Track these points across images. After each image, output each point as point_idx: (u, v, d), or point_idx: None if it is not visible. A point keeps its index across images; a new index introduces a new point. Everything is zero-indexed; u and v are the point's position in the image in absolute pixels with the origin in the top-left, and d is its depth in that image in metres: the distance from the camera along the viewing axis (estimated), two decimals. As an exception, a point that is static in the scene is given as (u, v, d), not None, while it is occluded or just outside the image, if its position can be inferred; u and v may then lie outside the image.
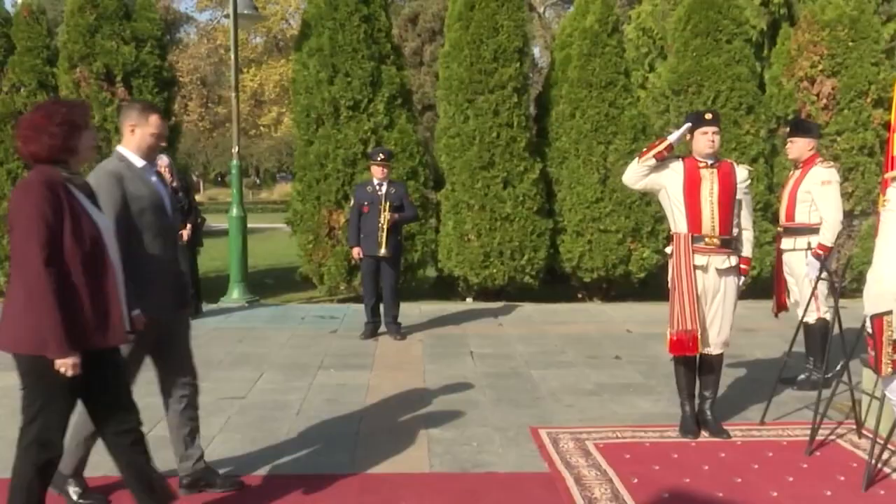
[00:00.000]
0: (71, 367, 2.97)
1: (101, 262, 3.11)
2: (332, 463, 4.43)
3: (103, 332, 3.11)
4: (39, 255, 2.91)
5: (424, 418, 5.27)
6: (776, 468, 4.38)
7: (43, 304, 2.91)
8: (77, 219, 3.03)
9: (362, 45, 10.05)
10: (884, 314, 2.43)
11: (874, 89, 10.28)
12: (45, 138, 3.04)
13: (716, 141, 4.75)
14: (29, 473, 3.13)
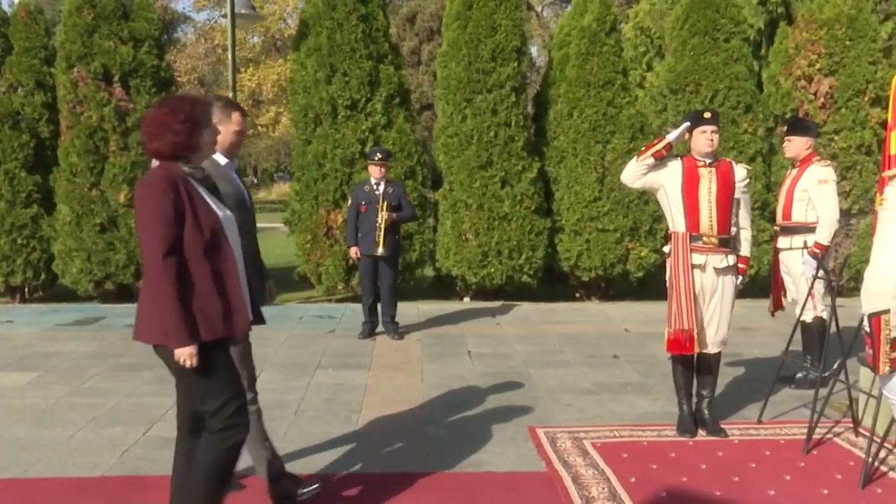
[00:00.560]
0: (188, 357, 3.01)
1: (222, 253, 3.15)
2: (330, 462, 4.42)
3: (227, 320, 3.15)
4: (159, 247, 2.97)
5: (422, 418, 5.27)
6: (773, 467, 4.38)
7: (163, 294, 2.97)
8: (197, 211, 3.08)
9: (360, 44, 10.05)
10: (881, 313, 2.43)
11: (872, 88, 10.29)
12: (169, 136, 3.09)
13: (714, 140, 4.75)
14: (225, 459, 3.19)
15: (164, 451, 4.62)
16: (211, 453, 3.18)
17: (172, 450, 4.57)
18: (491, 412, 5.41)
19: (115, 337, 7.91)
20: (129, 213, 9.96)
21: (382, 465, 4.40)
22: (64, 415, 5.34)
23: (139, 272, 10.04)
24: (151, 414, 5.36)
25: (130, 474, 4.28)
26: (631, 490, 4.02)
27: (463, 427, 5.09)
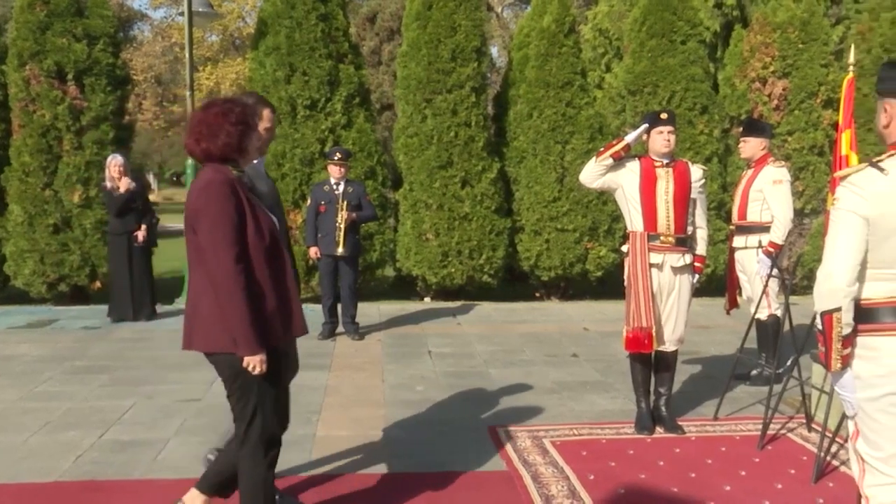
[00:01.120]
0: (259, 363, 2.99)
1: (280, 257, 3.14)
2: (291, 464, 4.39)
3: (287, 325, 3.15)
4: (228, 253, 2.93)
5: (383, 418, 5.26)
6: (729, 463, 4.45)
7: (233, 301, 2.92)
8: (256, 215, 3.06)
9: (320, 43, 10.00)
10: (833, 311, 2.47)
11: (824, 90, 10.50)
12: (222, 137, 3.05)
13: (671, 140, 4.81)
14: (261, 474, 3.17)
15: (120, 455, 4.55)
16: (250, 465, 3.17)
17: (129, 453, 4.54)
18: (452, 412, 5.42)
19: (69, 339, 7.77)
20: (84, 213, 9.79)
21: (344, 467, 4.38)
22: (17, 419, 5.23)
23: (94, 273, 9.88)
24: (107, 417, 5.28)
25: (86, 479, 4.21)
26: (590, 488, 4.06)
27: (424, 427, 5.08)
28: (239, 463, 3.21)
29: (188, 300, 3.13)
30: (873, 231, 2.45)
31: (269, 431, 3.17)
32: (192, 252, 3.07)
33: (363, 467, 4.37)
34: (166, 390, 5.96)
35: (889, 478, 2.57)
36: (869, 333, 2.52)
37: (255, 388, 3.08)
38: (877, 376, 2.51)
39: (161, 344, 7.56)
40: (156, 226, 8.93)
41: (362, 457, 4.54)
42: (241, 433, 3.15)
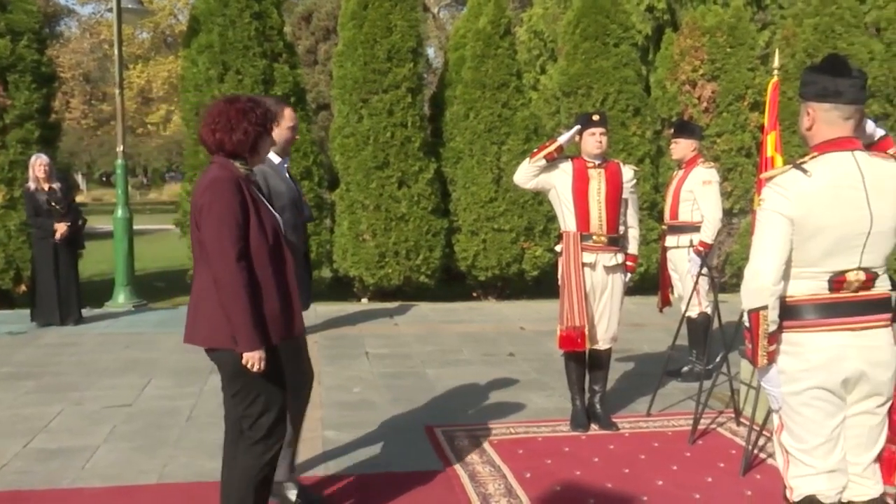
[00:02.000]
0: (258, 361, 2.99)
1: (283, 255, 3.16)
2: (225, 469, 4.32)
3: (288, 323, 3.16)
4: (232, 250, 2.95)
5: (320, 420, 5.22)
6: (662, 458, 4.54)
7: (234, 298, 2.94)
8: (260, 213, 3.07)
9: (254, 42, 9.86)
10: (760, 308, 2.54)
11: (751, 93, 10.79)
12: (238, 134, 3.07)
13: (603, 142, 4.88)
14: (259, 472, 3.16)
15: (47, 464, 4.42)
16: (250, 461, 3.16)
17: (56, 462, 4.41)
18: (389, 413, 5.41)
19: (-8, 345, 7.51)
20: (8, 214, 9.48)
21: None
22: (-64, 429, 5.04)
23: (19, 276, 9.57)
24: (33, 425, 5.12)
25: (11, 489, 4.07)
26: (526, 485, 4.10)
27: (361, 428, 5.06)
28: (238, 457, 3.20)
29: (192, 295, 3.16)
30: (797, 231, 2.53)
31: (274, 429, 3.17)
32: (196, 248, 3.10)
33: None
34: (95, 396, 5.81)
35: (811, 469, 2.65)
36: (793, 330, 2.59)
37: (261, 385, 3.09)
38: (800, 371, 2.59)
39: (90, 349, 7.37)
40: (83, 227, 8.69)
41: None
42: (245, 429, 3.15)
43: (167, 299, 10.59)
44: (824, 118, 2.58)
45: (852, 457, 2.68)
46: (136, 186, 42.44)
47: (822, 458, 2.63)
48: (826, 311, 2.56)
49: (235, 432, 3.23)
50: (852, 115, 2.56)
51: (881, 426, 2.69)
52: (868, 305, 2.58)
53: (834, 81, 2.54)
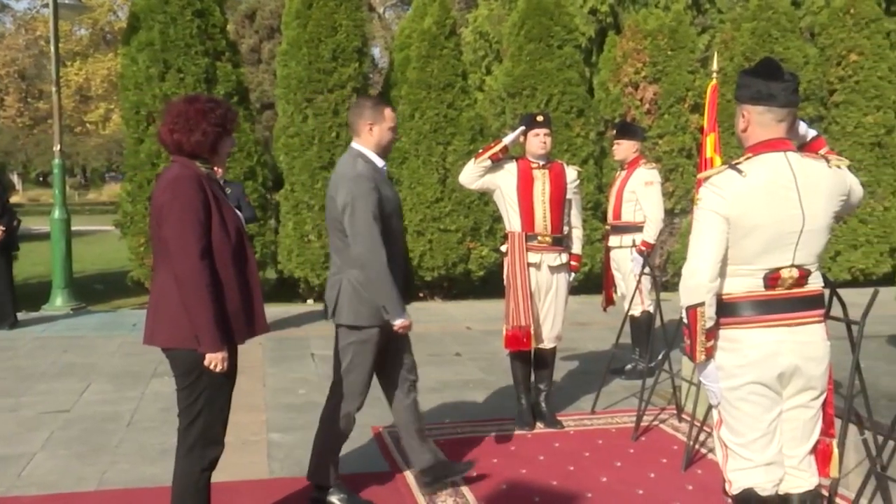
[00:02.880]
0: (220, 361, 2.97)
1: (245, 254, 3.12)
2: (167, 474, 4.24)
3: (250, 324, 3.13)
4: (195, 248, 2.91)
5: (265, 423, 5.17)
6: (606, 455, 4.60)
7: (197, 298, 2.90)
8: (222, 211, 3.04)
9: (195, 40, 9.70)
10: (697, 305, 2.60)
11: (691, 95, 10.99)
12: (196, 134, 3.03)
13: (547, 143, 4.93)
14: (195, 475, 3.12)
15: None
16: (187, 467, 3.12)
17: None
18: (335, 414, 5.37)
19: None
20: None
21: (222, 474, 4.25)
22: None
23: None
24: (-34, 433, 4.96)
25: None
26: (472, 484, 4.12)
27: (306, 431, 5.01)
28: (176, 462, 3.16)
29: (152, 295, 3.11)
30: (733, 229, 2.59)
31: (211, 433, 3.12)
32: (157, 247, 3.05)
33: (244, 474, 4.28)
34: (31, 402, 5.66)
35: (749, 462, 2.71)
36: (730, 326, 2.66)
37: (206, 387, 3.05)
38: (737, 367, 2.65)
39: (25, 353, 7.18)
40: (17, 228, 8.46)
41: (242, 463, 4.44)
42: (181, 430, 3.12)
43: (107, 302, 10.37)
44: (758, 120, 2.64)
45: (788, 450, 2.75)
46: (75, 187, 41.45)
47: (760, 451, 2.70)
48: (761, 307, 2.63)
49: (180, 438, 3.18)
50: (785, 117, 2.63)
51: (815, 419, 2.77)
52: (802, 302, 2.65)
53: (767, 85, 2.60)
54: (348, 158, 3.76)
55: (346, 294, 3.72)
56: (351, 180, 3.63)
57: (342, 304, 3.73)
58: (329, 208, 3.77)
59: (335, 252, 3.79)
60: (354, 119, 3.81)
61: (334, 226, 3.73)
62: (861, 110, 11.31)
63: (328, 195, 3.78)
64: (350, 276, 3.71)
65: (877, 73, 11.27)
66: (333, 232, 3.76)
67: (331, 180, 3.80)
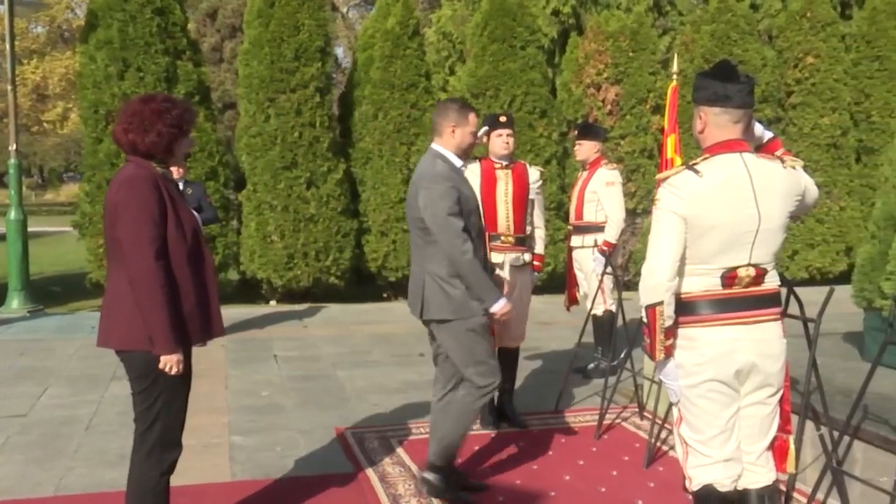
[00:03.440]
0: (175, 363, 2.94)
1: (202, 254, 3.09)
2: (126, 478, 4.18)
3: (206, 325, 3.10)
4: (150, 249, 2.87)
5: (226, 426, 5.12)
6: (569, 453, 4.63)
7: (152, 299, 2.87)
8: (178, 212, 3.00)
9: (155, 38, 9.58)
10: (656, 304, 2.63)
11: (652, 97, 11.12)
12: (151, 135, 2.98)
13: (510, 143, 4.95)
14: (153, 480, 3.08)
15: (-67, 479, 4.20)
16: (145, 471, 3.07)
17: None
18: (298, 416, 5.35)
19: None
20: None
21: (183, 478, 4.20)
22: None
23: None
24: (-82, 439, 4.85)
25: None
26: (436, 485, 4.11)
27: (269, 433, 4.99)
28: (132, 466, 3.11)
29: (106, 296, 3.06)
30: (691, 229, 2.62)
31: (169, 436, 3.08)
32: (111, 248, 3.00)
33: (205, 477, 4.24)
34: (-13, 406, 5.55)
35: (709, 458, 2.75)
36: (689, 325, 2.69)
37: (163, 390, 3.01)
38: (696, 364, 2.69)
39: (-19, 357, 7.03)
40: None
41: (203, 466, 4.40)
42: (138, 434, 3.07)
43: (64, 304, 10.20)
44: (715, 121, 2.68)
45: (746, 446, 2.80)
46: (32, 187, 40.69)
47: (719, 447, 2.74)
48: (719, 306, 2.67)
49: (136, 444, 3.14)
50: (741, 118, 2.68)
51: (772, 416, 2.81)
52: (759, 300, 2.70)
53: (724, 87, 2.64)
54: (428, 159, 3.81)
55: (430, 290, 3.76)
56: (431, 180, 3.69)
57: (428, 301, 3.77)
58: (410, 206, 3.82)
59: (415, 249, 3.85)
60: (439, 120, 3.83)
61: (414, 224, 3.78)
62: (817, 112, 11.51)
63: (409, 193, 3.83)
64: (431, 272, 3.75)
65: (832, 76, 11.49)
66: (413, 230, 3.81)
67: (412, 181, 3.84)
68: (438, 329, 3.82)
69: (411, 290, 3.89)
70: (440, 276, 3.72)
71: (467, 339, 3.76)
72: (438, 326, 3.81)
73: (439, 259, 3.71)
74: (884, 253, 4.87)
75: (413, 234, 3.85)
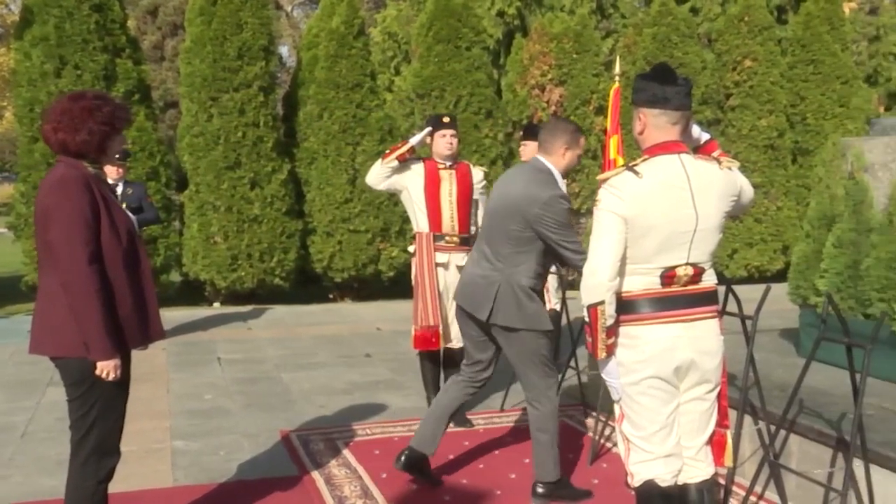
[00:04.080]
0: (112, 369, 2.88)
1: (137, 257, 3.02)
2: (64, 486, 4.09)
3: (144, 329, 3.03)
4: (82, 253, 2.80)
5: (168, 431, 5.04)
6: (515, 452, 4.66)
7: (86, 304, 2.80)
8: (112, 213, 2.92)
9: (93, 35, 9.39)
10: (598, 304, 2.66)
11: (595, 98, 11.26)
12: (82, 133, 2.89)
13: (454, 143, 4.97)
14: (91, 488, 3.01)
15: None
16: (81, 481, 3.00)
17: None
18: (242, 419, 5.29)
19: None
20: None
21: (124, 484, 4.12)
22: None
23: None
24: None
25: None
26: (382, 486, 4.11)
27: (213, 437, 4.92)
28: (69, 474, 3.04)
29: (38, 301, 2.97)
30: (631, 229, 2.66)
31: (106, 443, 3.01)
32: (43, 252, 2.91)
33: (146, 483, 4.16)
34: (-83, 415, 5.37)
35: (650, 454, 2.80)
36: (629, 323, 2.73)
37: (99, 396, 2.94)
38: (637, 362, 2.73)
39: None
40: None
41: (144, 472, 4.32)
42: (74, 442, 3.00)
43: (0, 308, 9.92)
44: (654, 123, 2.73)
45: (686, 441, 2.85)
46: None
47: (659, 443, 2.79)
48: (659, 304, 2.71)
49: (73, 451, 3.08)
50: (679, 120, 2.73)
51: (711, 411, 2.87)
52: (696, 298, 2.75)
53: (662, 89, 2.69)
54: (538, 174, 3.80)
55: (505, 296, 3.77)
56: (551, 189, 3.74)
57: (499, 307, 3.78)
58: (506, 209, 3.78)
59: (495, 254, 3.82)
60: (550, 138, 3.82)
61: (506, 231, 3.76)
62: (755, 114, 11.78)
63: (509, 198, 3.79)
64: (514, 281, 3.76)
65: (769, 79, 11.77)
66: (500, 236, 3.80)
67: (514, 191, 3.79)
68: (504, 335, 3.85)
69: (474, 291, 3.87)
70: (521, 287, 3.76)
71: (535, 346, 3.84)
72: (504, 332, 3.84)
73: (528, 271, 3.77)
74: (818, 251, 5.01)
75: (498, 241, 3.81)
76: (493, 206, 3.91)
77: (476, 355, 4.08)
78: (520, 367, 3.93)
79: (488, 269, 3.83)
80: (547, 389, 3.93)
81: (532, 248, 3.75)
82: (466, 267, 4.03)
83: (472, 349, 4.08)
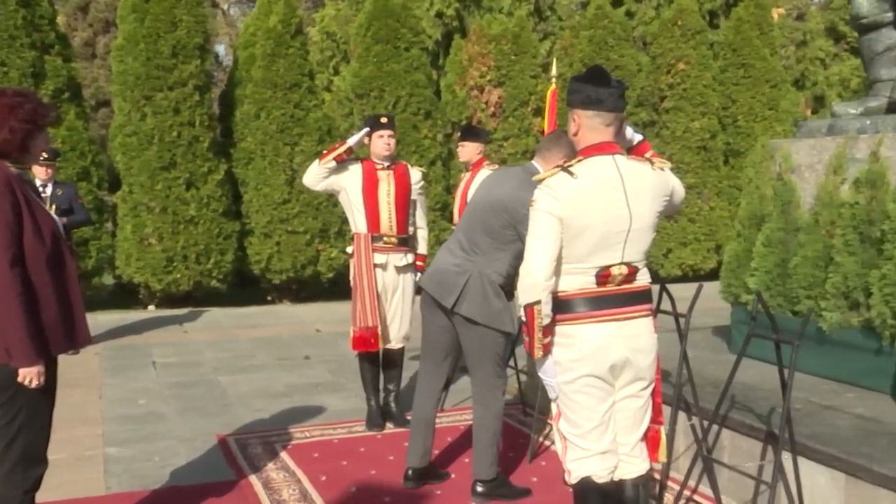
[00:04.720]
0: (36, 376, 2.80)
1: (62, 260, 2.94)
2: (-10, 496, 3.97)
3: (69, 334, 2.95)
4: (4, 256, 2.72)
5: (101, 437, 4.92)
6: (455, 452, 4.68)
7: (7, 309, 2.72)
8: (35, 215, 2.84)
9: (21, 32, 9.11)
10: (534, 303, 2.68)
11: (534, 99, 11.37)
12: (3, 132, 2.82)
13: (391, 144, 4.96)
14: (17, 499, 2.90)
15: None
16: (8, 485, 2.88)
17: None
18: (178, 424, 5.19)
19: None
20: None
21: (54, 493, 4.01)
22: None
23: None
24: None
25: None
26: (322, 488, 4.08)
27: (147, 442, 4.82)
28: None
29: None
30: (566, 229, 2.69)
31: (32, 452, 2.92)
32: None
33: (78, 491, 4.06)
34: None
35: (586, 451, 2.83)
36: (565, 322, 2.76)
37: (23, 404, 2.85)
38: (573, 361, 2.76)
39: None
40: None
41: (76, 480, 4.21)
42: (1, 452, 2.89)
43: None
44: (588, 124, 2.77)
45: (621, 437, 2.89)
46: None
47: (596, 440, 2.82)
48: (594, 303, 2.75)
49: None
50: (613, 121, 2.77)
51: (645, 408, 2.92)
52: (630, 297, 2.80)
53: (596, 91, 2.73)
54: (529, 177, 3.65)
55: (474, 289, 3.77)
56: None
57: (465, 298, 3.77)
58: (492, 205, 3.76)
59: (472, 246, 3.81)
60: (553, 147, 3.72)
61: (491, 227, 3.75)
62: (688, 116, 12.04)
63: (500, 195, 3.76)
64: (486, 275, 3.76)
65: (702, 82, 12.04)
66: (481, 232, 3.79)
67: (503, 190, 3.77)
68: (465, 326, 3.85)
69: (444, 279, 3.87)
70: (491, 282, 3.77)
71: (492, 344, 3.85)
72: (465, 324, 3.84)
73: (500, 268, 3.77)
74: (748, 250, 5.13)
75: (477, 234, 3.82)
76: (478, 200, 3.92)
77: (435, 355, 4.13)
78: (474, 362, 3.95)
79: (462, 259, 3.85)
80: (496, 389, 3.96)
81: (510, 248, 3.75)
82: (439, 256, 4.01)
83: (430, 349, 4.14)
